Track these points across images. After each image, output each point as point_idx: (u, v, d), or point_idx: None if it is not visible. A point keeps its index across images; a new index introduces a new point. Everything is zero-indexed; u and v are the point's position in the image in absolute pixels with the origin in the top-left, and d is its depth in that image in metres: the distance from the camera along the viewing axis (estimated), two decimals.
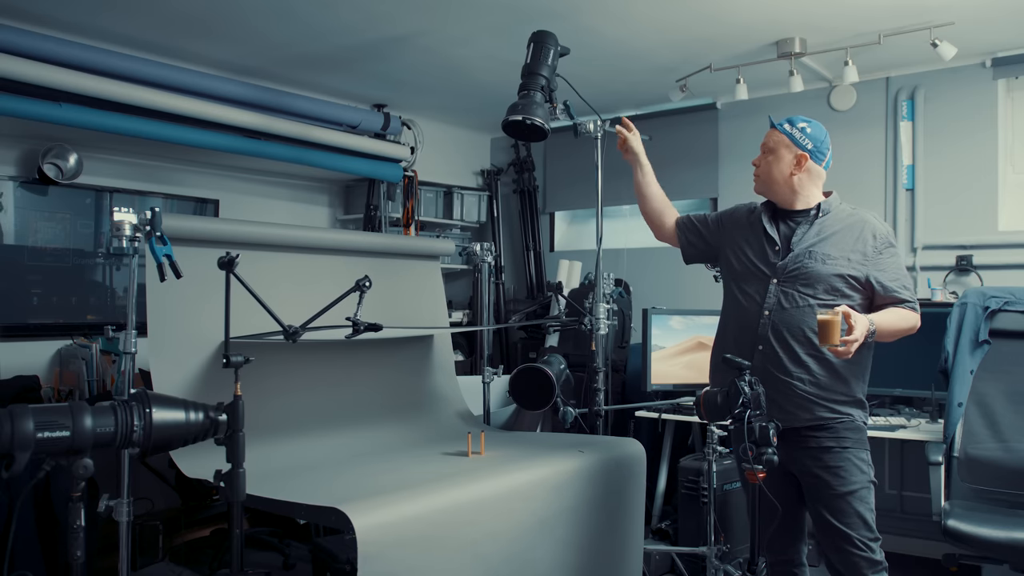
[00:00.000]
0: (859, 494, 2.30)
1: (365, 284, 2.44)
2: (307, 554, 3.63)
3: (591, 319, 3.34)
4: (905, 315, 2.32)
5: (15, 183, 3.80)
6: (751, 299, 2.40)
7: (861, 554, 2.28)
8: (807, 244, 2.36)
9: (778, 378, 2.32)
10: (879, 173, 4.34)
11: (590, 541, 2.79)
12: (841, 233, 2.36)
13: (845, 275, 2.31)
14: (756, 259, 2.42)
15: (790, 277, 2.35)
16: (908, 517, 4.15)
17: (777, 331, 2.33)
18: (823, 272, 2.31)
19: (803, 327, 2.31)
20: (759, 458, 2.07)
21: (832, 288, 2.30)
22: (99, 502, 2.30)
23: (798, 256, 2.35)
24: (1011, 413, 3.14)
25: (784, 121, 2.43)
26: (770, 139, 2.44)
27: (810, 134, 2.39)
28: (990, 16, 3.49)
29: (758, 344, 2.36)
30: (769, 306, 2.36)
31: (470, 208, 5.60)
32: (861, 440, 2.35)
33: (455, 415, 3.58)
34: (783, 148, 2.39)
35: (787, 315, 2.33)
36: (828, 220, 2.39)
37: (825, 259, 2.32)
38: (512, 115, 2.80)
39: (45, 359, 3.88)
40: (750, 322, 2.39)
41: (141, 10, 3.42)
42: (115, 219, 3.07)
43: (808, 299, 2.31)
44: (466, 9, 3.41)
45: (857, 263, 2.32)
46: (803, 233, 2.38)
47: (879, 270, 2.33)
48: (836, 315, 2.13)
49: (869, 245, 2.34)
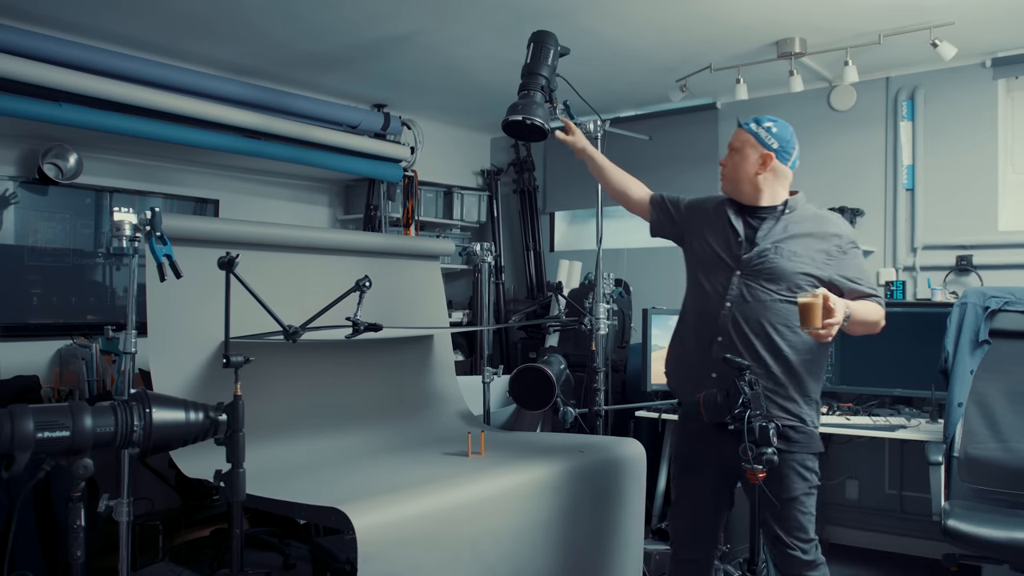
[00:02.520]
0: (799, 500, 2.31)
1: (365, 284, 2.44)
2: (307, 554, 3.63)
3: (591, 319, 3.34)
4: (874, 307, 2.33)
5: (15, 183, 3.80)
6: (713, 290, 2.41)
7: (797, 556, 2.32)
8: (773, 239, 2.36)
9: None
10: (879, 173, 4.34)
11: (590, 541, 2.79)
12: (807, 232, 2.37)
13: (810, 274, 2.32)
14: (720, 250, 2.43)
15: (754, 271, 2.35)
16: (908, 517, 4.15)
17: (737, 324, 2.34)
18: (788, 269, 2.32)
19: (762, 321, 2.32)
20: (759, 458, 2.07)
21: (796, 286, 2.31)
22: (99, 502, 2.30)
23: (764, 251, 2.36)
24: (1011, 413, 3.14)
25: (751, 121, 2.43)
26: (736, 139, 2.44)
27: (776, 133, 2.39)
28: (990, 16, 3.49)
29: (717, 335, 2.37)
30: (731, 298, 2.36)
31: (470, 208, 5.60)
32: (808, 445, 2.35)
33: (455, 415, 3.58)
34: (749, 147, 2.40)
35: (748, 308, 2.34)
36: (794, 217, 2.39)
37: (791, 256, 2.33)
38: (512, 115, 2.80)
39: (45, 359, 3.88)
40: (711, 312, 2.40)
41: (141, 10, 3.42)
42: (115, 219, 3.07)
43: (771, 294, 2.32)
44: (466, 9, 3.41)
45: (821, 263, 2.34)
46: (769, 228, 2.38)
47: (843, 269, 2.35)
48: (817, 297, 2.12)
49: (833, 245, 2.35)
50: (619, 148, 3.95)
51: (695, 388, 2.39)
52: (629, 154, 4.69)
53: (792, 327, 2.29)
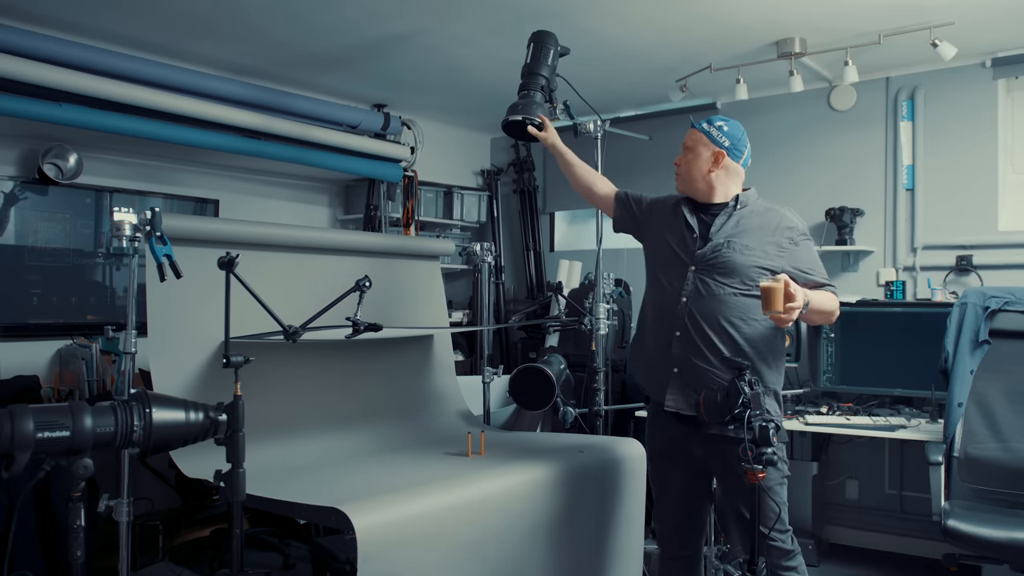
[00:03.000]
0: (772, 489, 2.34)
1: (365, 284, 2.44)
2: (307, 554, 3.63)
3: (591, 319, 3.34)
4: (829, 297, 2.39)
5: (15, 183, 3.80)
6: (670, 285, 2.46)
7: (773, 545, 2.35)
8: (726, 234, 2.42)
9: (695, 364, 2.37)
10: (879, 173, 4.34)
11: (590, 541, 2.79)
12: (758, 225, 2.42)
13: (763, 266, 2.36)
14: (676, 247, 2.48)
15: (708, 266, 2.40)
16: (908, 517, 4.15)
17: (694, 318, 2.38)
18: (741, 262, 2.37)
19: (719, 316, 2.36)
20: (759, 458, 2.07)
21: (750, 278, 2.35)
22: (99, 502, 2.30)
23: (717, 246, 2.40)
24: (1011, 413, 3.14)
25: (703, 121, 2.51)
26: (689, 138, 2.51)
27: (727, 132, 2.46)
28: (990, 16, 3.49)
29: (675, 330, 2.41)
30: (687, 293, 2.41)
31: (470, 208, 5.60)
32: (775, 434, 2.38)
33: (455, 415, 3.58)
34: (701, 146, 2.46)
35: (704, 303, 2.38)
36: (746, 212, 2.45)
37: (744, 250, 2.38)
38: (512, 115, 2.81)
39: (45, 359, 3.88)
40: (668, 308, 2.44)
41: (141, 10, 3.42)
42: (115, 219, 3.07)
43: (725, 288, 2.37)
44: (467, 8, 3.41)
45: (774, 255, 2.38)
46: (721, 224, 2.44)
47: (797, 260, 2.40)
48: (779, 282, 2.16)
49: (785, 237, 2.40)
50: (619, 148, 3.96)
51: (659, 385, 2.45)
52: (629, 154, 4.71)
53: (747, 319, 2.35)
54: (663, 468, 2.57)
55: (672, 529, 2.57)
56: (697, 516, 2.55)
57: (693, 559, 2.57)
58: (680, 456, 2.48)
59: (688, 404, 2.38)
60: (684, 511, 2.54)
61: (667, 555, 2.59)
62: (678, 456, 2.49)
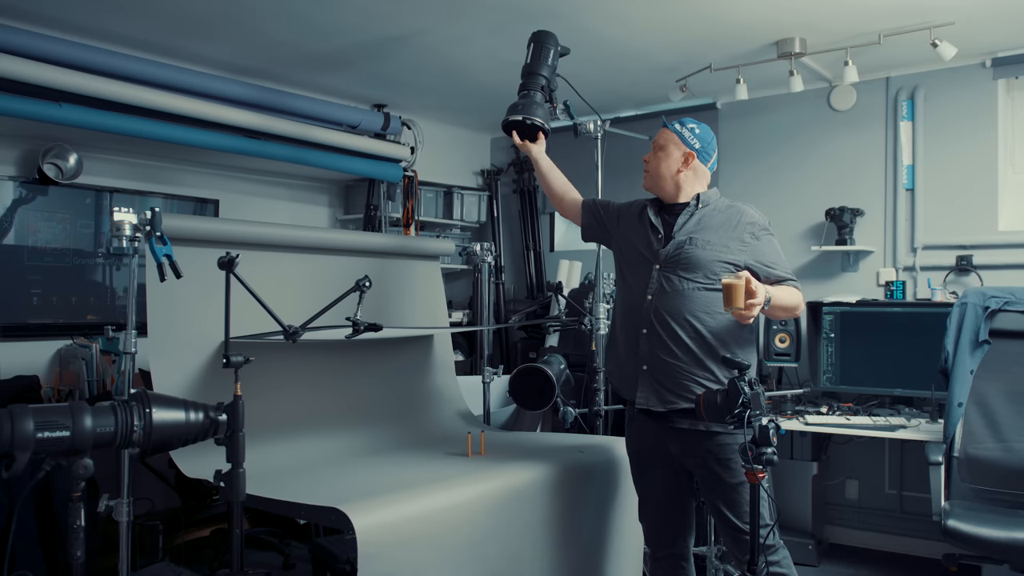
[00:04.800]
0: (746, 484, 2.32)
1: (365, 284, 2.44)
2: (307, 554, 3.63)
3: (591, 319, 3.34)
4: (793, 291, 2.43)
5: (15, 183, 3.80)
6: (636, 285, 2.50)
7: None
8: (688, 231, 2.46)
9: (663, 360, 2.40)
10: (879, 173, 4.34)
11: (590, 541, 2.80)
12: (720, 222, 2.46)
13: (725, 260, 2.39)
14: (641, 247, 2.52)
15: (671, 262, 2.43)
16: (908, 517, 4.15)
17: (659, 315, 2.41)
18: (704, 258, 2.40)
19: (684, 311, 2.39)
20: (759, 458, 2.07)
21: (713, 273, 2.38)
22: (99, 502, 2.30)
23: (680, 243, 2.44)
24: (1011, 413, 3.14)
25: (676, 121, 2.56)
26: (661, 137, 2.56)
27: (698, 135, 2.53)
28: (990, 16, 3.49)
29: (642, 328, 2.44)
30: (652, 291, 2.44)
31: (470, 208, 5.60)
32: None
33: (455, 415, 3.58)
34: (672, 145, 2.52)
35: (669, 299, 2.41)
36: (707, 211, 2.49)
37: (705, 245, 2.41)
38: (512, 115, 2.81)
39: (45, 359, 3.88)
40: (635, 306, 2.48)
41: (141, 10, 3.41)
42: (115, 219, 3.07)
43: (688, 283, 2.40)
44: (466, 9, 3.41)
45: (736, 250, 2.42)
46: (684, 222, 2.48)
47: (759, 254, 2.43)
48: (740, 279, 2.17)
49: (747, 233, 2.44)
50: (619, 148, 3.96)
51: (629, 383, 2.48)
52: (629, 154, 4.70)
53: (712, 313, 2.38)
54: (642, 468, 2.60)
55: (655, 528, 2.60)
56: (679, 514, 2.56)
57: (681, 556, 2.58)
58: (657, 455, 2.50)
59: (659, 400, 2.40)
60: (665, 509, 2.56)
61: (656, 554, 2.62)
62: (655, 455, 2.51)
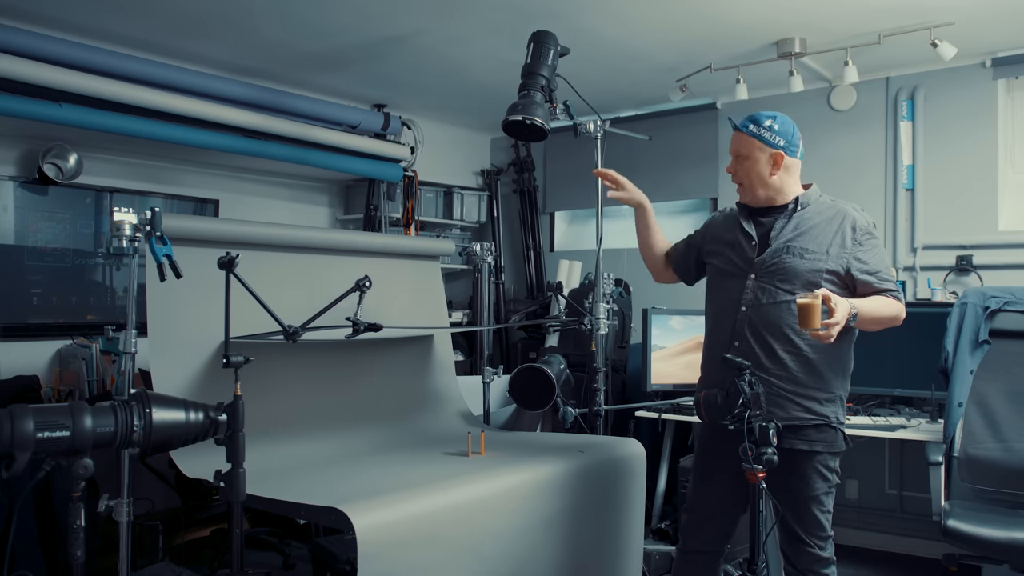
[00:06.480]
0: (819, 499, 2.31)
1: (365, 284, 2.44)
2: (307, 554, 3.63)
3: (591, 319, 3.34)
4: (889, 302, 2.27)
5: (15, 183, 3.80)
6: (728, 296, 2.38)
7: (812, 552, 2.32)
8: (785, 239, 2.33)
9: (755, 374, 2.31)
10: (879, 173, 4.34)
11: (590, 541, 2.79)
12: (820, 226, 2.32)
13: (823, 270, 2.28)
14: (735, 256, 2.41)
15: (767, 272, 2.32)
16: (908, 517, 4.15)
17: (754, 327, 2.32)
18: (801, 268, 2.28)
19: (780, 323, 2.29)
20: (759, 458, 2.07)
21: (810, 283, 2.26)
22: (99, 502, 2.30)
23: (776, 251, 2.32)
24: (1011, 413, 3.14)
25: (748, 122, 2.36)
26: (740, 144, 2.38)
27: (778, 130, 2.34)
28: (990, 16, 3.49)
29: (735, 340, 2.34)
30: (746, 302, 2.33)
31: (470, 208, 5.60)
32: (832, 444, 2.32)
33: (455, 415, 3.58)
34: (756, 151, 2.34)
35: (764, 311, 2.31)
36: (807, 213, 2.35)
37: (803, 254, 2.29)
38: (512, 115, 2.80)
39: (45, 359, 3.88)
40: (728, 318, 2.37)
41: (141, 10, 3.42)
42: (115, 219, 3.07)
43: (786, 294, 2.28)
44: (466, 9, 3.41)
45: (836, 256, 2.28)
46: (781, 228, 2.34)
47: (860, 261, 2.29)
48: (816, 298, 2.09)
49: (848, 237, 2.30)
50: (619, 148, 3.96)
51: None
52: (629, 154, 4.71)
53: None
54: (709, 462, 2.47)
55: (699, 521, 2.48)
56: (728, 519, 2.46)
57: (713, 557, 2.50)
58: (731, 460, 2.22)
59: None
60: (717, 510, 2.44)
61: (688, 547, 2.50)
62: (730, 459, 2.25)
